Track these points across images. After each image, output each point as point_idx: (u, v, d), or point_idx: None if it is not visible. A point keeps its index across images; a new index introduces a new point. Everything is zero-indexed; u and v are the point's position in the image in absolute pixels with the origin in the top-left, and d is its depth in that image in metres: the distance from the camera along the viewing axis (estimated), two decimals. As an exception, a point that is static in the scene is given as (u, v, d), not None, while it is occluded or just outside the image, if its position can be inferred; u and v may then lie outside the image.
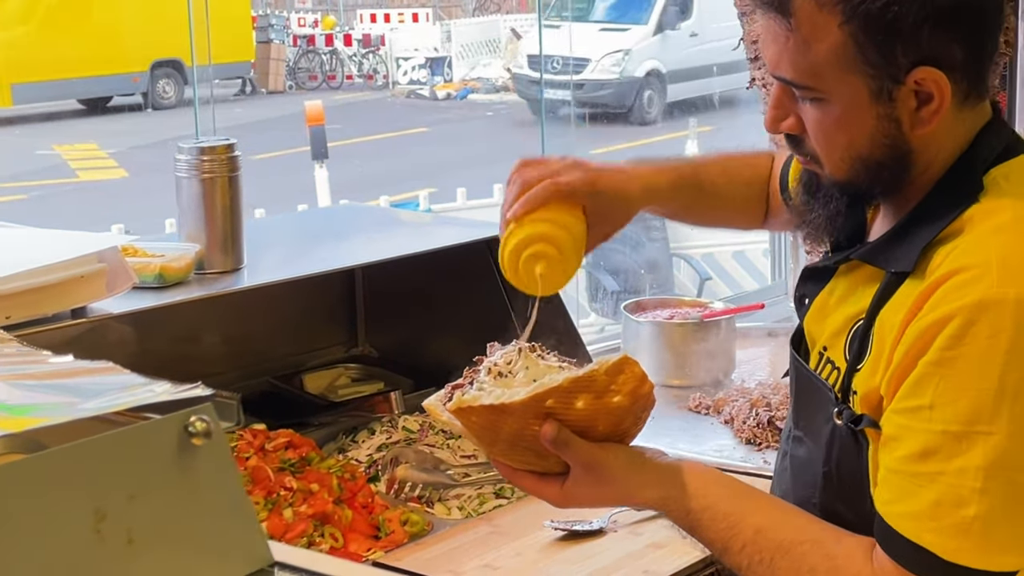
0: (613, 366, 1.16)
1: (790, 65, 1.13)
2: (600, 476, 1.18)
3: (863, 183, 1.16)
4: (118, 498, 0.55)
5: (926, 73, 1.08)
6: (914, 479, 1.06)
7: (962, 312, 1.03)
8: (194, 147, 1.68)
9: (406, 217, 2.74)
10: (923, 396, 1.05)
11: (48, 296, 1.44)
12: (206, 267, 1.70)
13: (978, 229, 1.08)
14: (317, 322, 2.12)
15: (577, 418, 1.17)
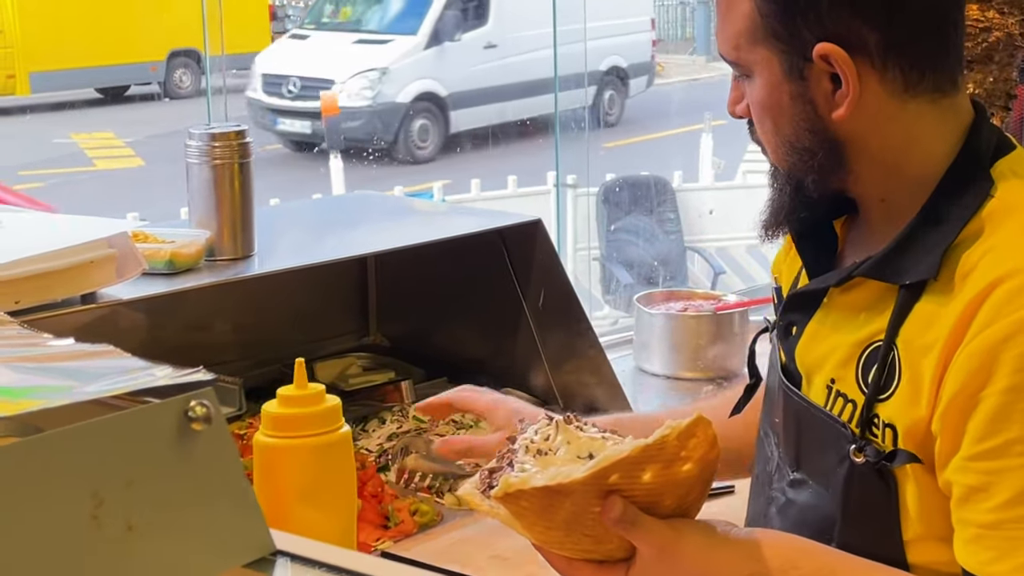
0: (686, 430, 1.01)
1: (721, 40, 1.12)
2: (673, 557, 1.04)
3: (799, 172, 1.10)
4: (116, 484, 0.53)
5: (828, 49, 1.03)
6: (1020, 526, 0.95)
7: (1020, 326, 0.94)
8: (205, 133, 1.67)
9: (420, 206, 2.72)
10: (1011, 429, 0.94)
11: (57, 281, 1.43)
12: (217, 254, 1.69)
13: (1005, 228, 1.01)
14: (329, 310, 2.11)
15: (643, 493, 1.02)
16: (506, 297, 1.95)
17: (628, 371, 2.27)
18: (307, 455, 1.21)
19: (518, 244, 1.92)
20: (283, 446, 1.21)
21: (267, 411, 1.23)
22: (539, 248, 1.89)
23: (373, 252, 1.95)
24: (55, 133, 12.41)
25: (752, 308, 2.19)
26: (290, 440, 1.21)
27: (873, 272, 1.07)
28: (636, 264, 5.42)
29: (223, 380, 0.59)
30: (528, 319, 1.94)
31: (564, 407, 1.90)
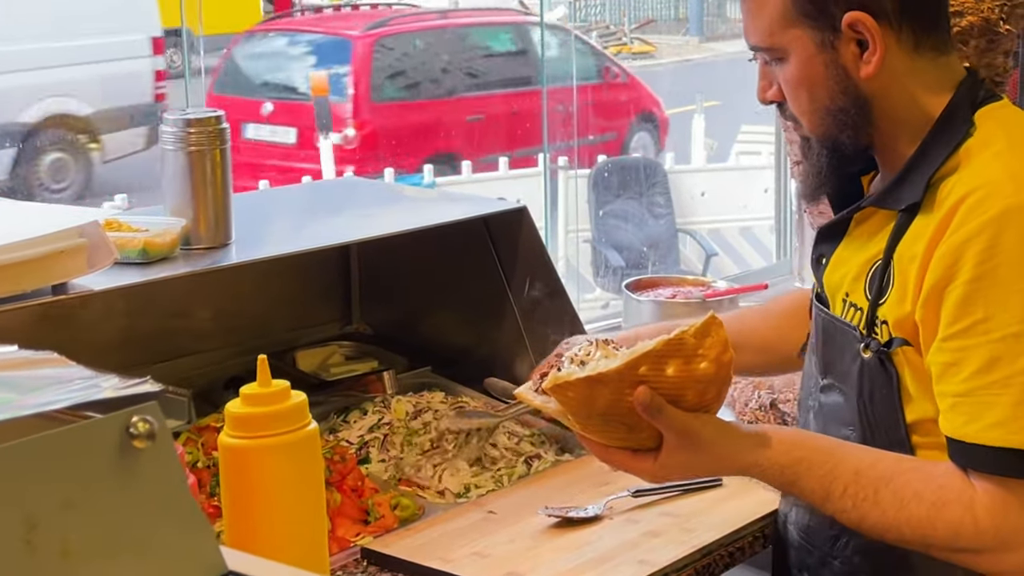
0: (701, 327, 1.19)
1: (753, 31, 1.29)
2: (694, 443, 1.21)
3: (835, 133, 1.27)
4: (50, 506, 0.50)
5: (855, 17, 1.22)
6: (987, 391, 1.12)
7: (988, 225, 1.13)
8: (180, 119, 1.63)
9: (406, 192, 2.68)
10: (975, 312, 1.13)
11: (27, 272, 1.40)
12: (192, 242, 1.65)
13: (977, 158, 1.20)
14: (310, 299, 2.08)
15: (669, 386, 1.19)
16: (491, 285, 1.91)
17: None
18: (273, 455, 1.18)
19: (503, 231, 1.89)
20: (248, 447, 1.18)
21: (231, 411, 1.20)
22: (524, 235, 1.85)
23: (355, 240, 1.91)
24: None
25: (742, 295, 2.16)
26: (255, 440, 1.18)
27: (878, 201, 1.28)
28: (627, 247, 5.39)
29: (171, 391, 0.55)
30: (513, 307, 1.91)
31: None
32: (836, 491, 1.21)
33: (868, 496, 1.19)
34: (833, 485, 1.21)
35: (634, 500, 1.55)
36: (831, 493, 1.21)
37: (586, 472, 1.65)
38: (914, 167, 1.24)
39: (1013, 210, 1.13)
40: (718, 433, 1.23)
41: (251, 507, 1.20)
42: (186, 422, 0.57)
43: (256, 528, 1.20)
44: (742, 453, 1.23)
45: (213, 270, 1.65)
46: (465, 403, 1.83)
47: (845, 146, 1.28)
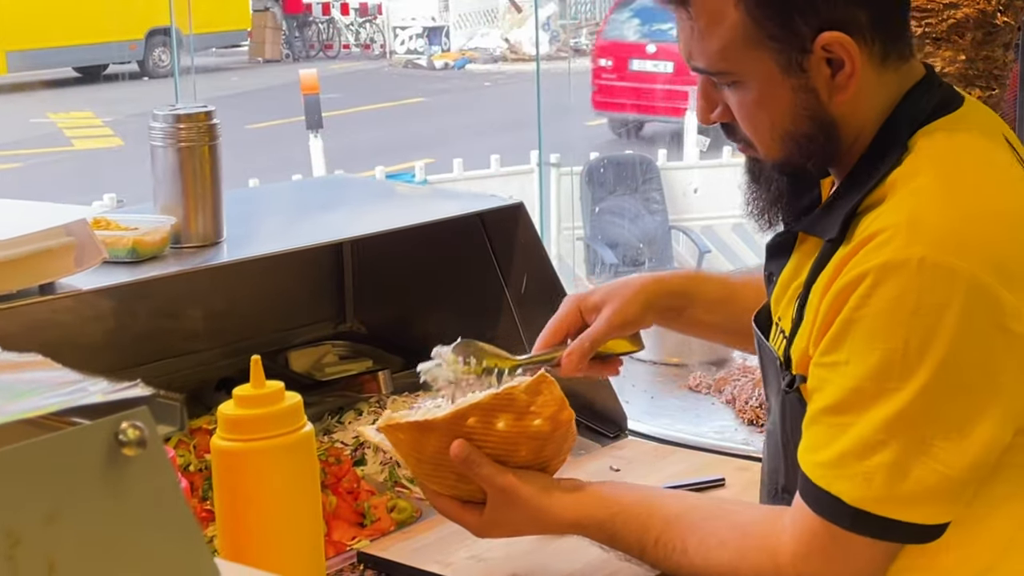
0: (532, 384, 1.19)
1: (701, 54, 1.14)
2: (513, 501, 1.21)
3: (797, 159, 1.16)
4: (34, 519, 0.47)
5: (831, 38, 1.09)
6: (829, 429, 1.08)
7: (871, 273, 1.05)
8: (170, 114, 1.59)
9: (399, 189, 2.66)
10: (839, 352, 1.07)
11: (12, 271, 1.36)
12: (183, 241, 1.62)
13: (899, 193, 1.09)
14: (303, 298, 2.04)
15: (499, 440, 1.19)
16: (487, 282, 1.88)
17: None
18: (268, 458, 1.15)
19: (499, 228, 1.86)
20: (242, 449, 1.15)
21: (224, 413, 1.17)
22: (521, 232, 1.83)
23: (349, 237, 1.88)
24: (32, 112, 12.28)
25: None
26: (249, 443, 1.15)
27: (807, 228, 1.20)
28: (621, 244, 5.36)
29: (163, 395, 0.52)
30: (510, 305, 1.88)
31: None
32: (649, 542, 1.19)
33: (677, 546, 1.18)
34: (646, 537, 1.19)
35: (636, 501, 1.52)
36: (645, 545, 1.20)
37: (587, 472, 1.62)
38: (841, 196, 1.15)
39: (895, 265, 1.03)
40: (538, 491, 1.22)
41: (245, 511, 1.17)
42: (179, 428, 0.54)
43: (250, 533, 1.17)
44: (562, 511, 1.22)
45: (204, 269, 1.61)
46: None
47: (808, 173, 1.19)
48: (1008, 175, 1.13)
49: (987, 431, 1.05)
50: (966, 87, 1.98)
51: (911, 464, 1.04)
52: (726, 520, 1.17)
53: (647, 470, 1.61)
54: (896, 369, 1.03)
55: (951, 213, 1.06)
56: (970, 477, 1.06)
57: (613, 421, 1.76)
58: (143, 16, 13.37)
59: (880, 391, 1.04)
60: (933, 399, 1.04)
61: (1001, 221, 1.07)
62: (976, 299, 1.02)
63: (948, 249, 1.03)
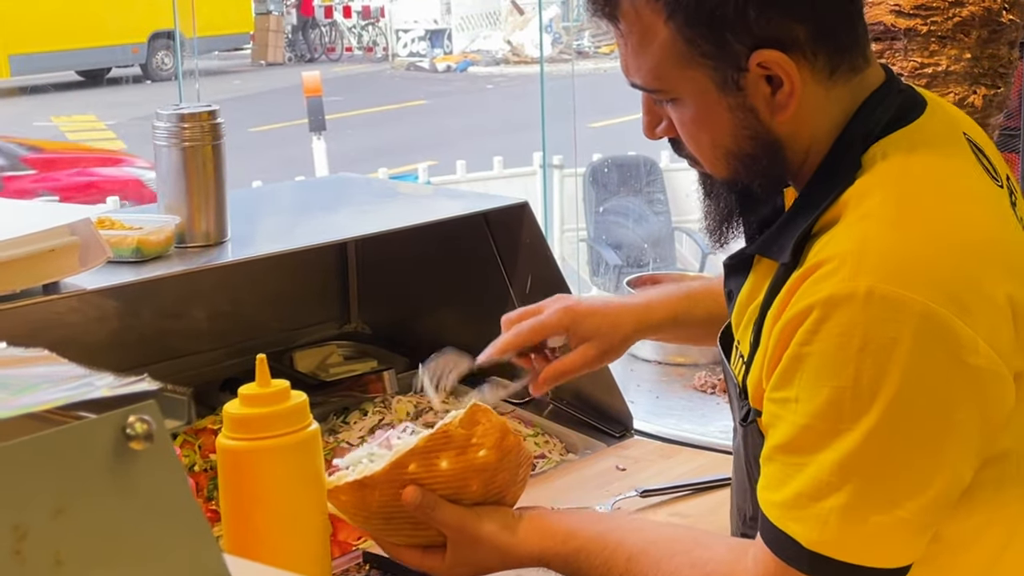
0: (466, 417, 1.17)
1: (636, 70, 1.10)
2: (473, 539, 1.19)
3: (743, 178, 1.11)
4: (42, 513, 0.46)
5: (766, 56, 1.03)
6: (784, 468, 1.03)
7: (817, 307, 0.98)
8: (174, 114, 1.59)
9: (403, 189, 2.65)
10: (789, 388, 1.02)
11: (17, 270, 1.36)
12: (187, 240, 1.61)
13: (850, 216, 1.03)
14: (307, 298, 2.04)
15: (447, 479, 1.17)
16: (492, 282, 1.88)
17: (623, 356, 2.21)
18: (274, 457, 1.14)
19: (504, 227, 1.85)
20: (248, 449, 1.14)
21: (229, 412, 1.16)
22: (526, 231, 1.82)
23: (353, 237, 1.87)
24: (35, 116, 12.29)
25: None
26: (255, 442, 1.14)
27: (761, 249, 1.13)
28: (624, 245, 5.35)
29: (170, 390, 0.52)
30: (515, 304, 1.87)
31: (552, 394, 1.84)
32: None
33: None
34: (610, 574, 1.16)
35: (642, 500, 1.51)
36: None
37: (593, 472, 1.62)
38: (794, 216, 1.09)
39: (840, 299, 0.97)
40: (499, 528, 1.19)
41: (251, 511, 1.17)
42: (186, 422, 0.53)
43: (256, 532, 1.17)
44: (525, 547, 1.20)
45: (208, 269, 1.61)
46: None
47: (755, 192, 1.13)
48: (967, 192, 1.07)
49: (945, 471, 1.00)
50: (971, 86, 1.98)
51: (865, 506, 0.99)
52: (689, 557, 1.12)
53: (654, 470, 1.61)
54: (847, 408, 0.98)
55: (901, 241, 0.99)
56: (929, 519, 1.01)
57: (619, 421, 1.76)
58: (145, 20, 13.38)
59: (831, 431, 0.99)
60: (886, 438, 0.98)
61: (955, 248, 1.00)
62: (929, 332, 0.96)
63: (897, 279, 0.96)
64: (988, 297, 0.99)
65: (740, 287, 1.17)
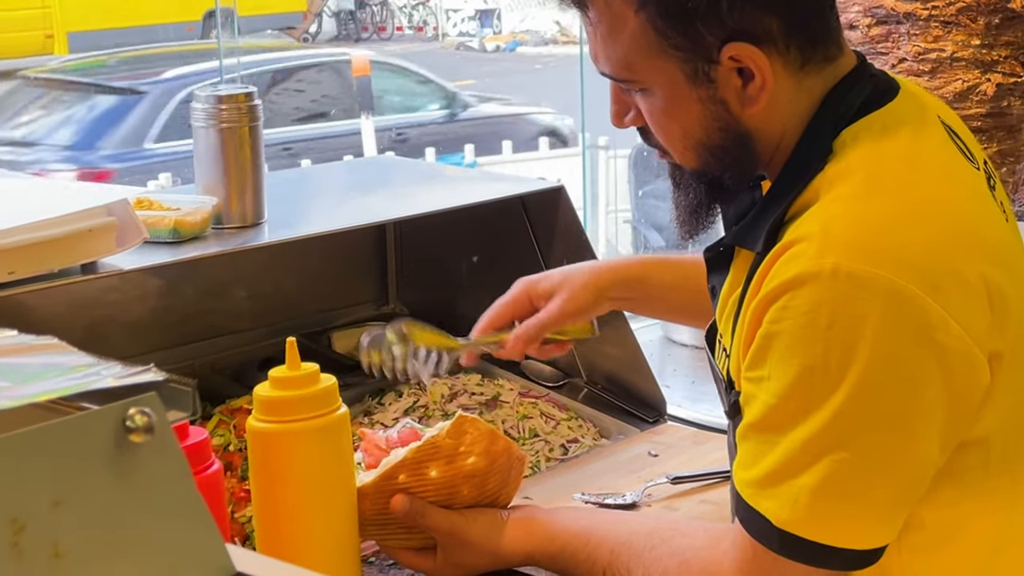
0: (453, 428, 1.20)
1: (605, 59, 1.08)
2: (463, 542, 1.22)
3: (713, 170, 1.10)
4: (40, 505, 0.46)
5: (738, 49, 1.02)
6: (757, 446, 1.03)
7: (784, 286, 0.99)
8: (212, 95, 1.59)
9: (444, 171, 2.64)
10: (762, 367, 1.02)
11: (55, 250, 1.37)
12: (224, 221, 1.62)
13: (821, 200, 1.02)
14: (345, 279, 2.04)
15: (435, 487, 1.20)
16: (528, 265, 1.86)
17: (656, 340, 2.20)
18: (302, 439, 1.15)
19: (540, 211, 1.84)
20: (276, 431, 1.15)
21: (259, 394, 1.17)
22: (562, 215, 1.81)
23: (389, 219, 1.87)
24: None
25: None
26: (283, 424, 1.15)
27: (737, 240, 1.13)
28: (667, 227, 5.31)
29: (175, 381, 0.52)
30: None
31: (586, 378, 1.84)
32: (598, 574, 1.17)
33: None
34: (595, 569, 1.17)
35: (673, 487, 1.50)
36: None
37: (625, 458, 1.61)
38: (768, 204, 1.08)
39: (807, 277, 0.97)
40: (486, 529, 1.22)
41: (281, 493, 1.17)
42: (191, 413, 0.53)
43: (285, 514, 1.17)
44: (513, 548, 1.22)
45: (245, 249, 1.61)
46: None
47: (726, 184, 1.12)
48: (939, 171, 1.06)
49: (916, 449, 0.99)
50: (984, 72, 1.93)
51: (835, 485, 0.98)
52: (669, 546, 1.12)
53: (686, 456, 1.60)
54: (816, 386, 0.97)
55: (868, 219, 0.99)
56: (900, 498, 1.00)
57: (652, 406, 1.75)
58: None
59: (801, 409, 0.98)
60: (856, 416, 0.97)
61: (926, 226, 0.99)
62: (896, 309, 0.95)
63: (863, 257, 0.96)
64: (959, 276, 0.98)
65: (722, 282, 1.17)
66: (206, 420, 1.60)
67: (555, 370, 1.87)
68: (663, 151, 1.14)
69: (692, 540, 1.12)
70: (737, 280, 1.12)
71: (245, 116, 1.61)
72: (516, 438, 1.69)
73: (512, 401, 1.77)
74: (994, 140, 1.99)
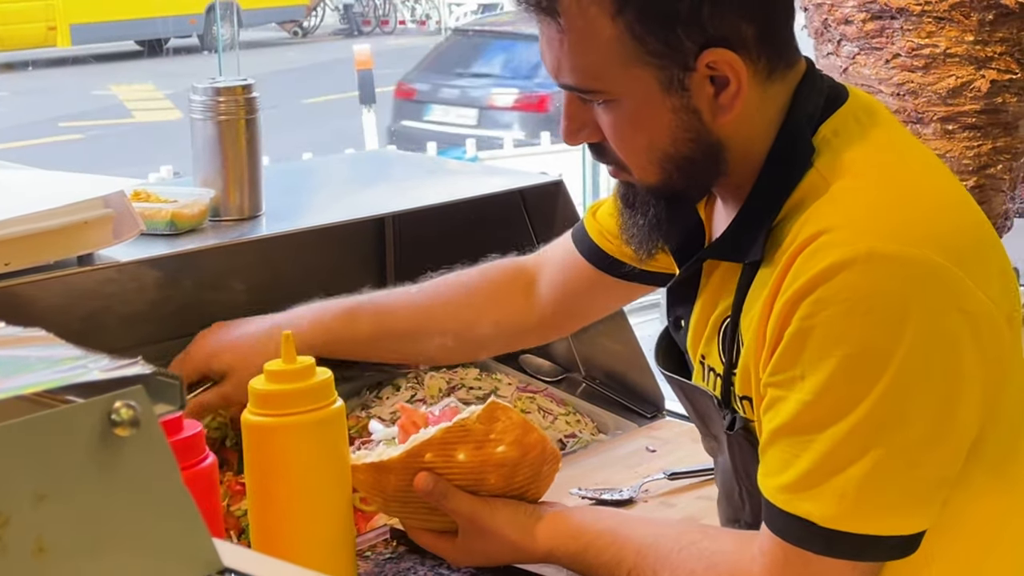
0: (484, 413, 1.17)
1: (570, 70, 1.05)
2: (483, 531, 1.20)
3: (677, 184, 1.08)
4: (23, 499, 0.46)
5: (717, 55, 1.01)
6: (789, 449, 1.01)
7: (816, 279, 0.97)
8: (209, 87, 1.59)
9: (444, 165, 2.64)
10: (794, 367, 1.00)
11: (50, 242, 1.37)
12: (222, 214, 1.62)
13: (824, 196, 1.02)
14: (344, 272, 2.03)
15: (462, 471, 1.18)
16: (527, 260, 1.86)
17: (655, 335, 2.18)
18: (297, 433, 1.14)
19: (539, 205, 1.84)
20: (270, 424, 1.15)
21: (254, 387, 1.16)
22: (560, 209, 1.81)
23: (387, 213, 1.87)
24: (95, 85, 12.43)
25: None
26: (278, 418, 1.14)
27: (717, 253, 1.11)
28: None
29: (162, 374, 0.51)
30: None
31: (584, 373, 1.84)
32: (622, 574, 1.15)
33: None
34: (619, 569, 1.15)
35: (670, 483, 1.50)
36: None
37: (622, 453, 1.61)
38: (753, 211, 1.07)
39: (840, 266, 0.96)
40: (507, 522, 1.20)
41: (275, 486, 1.17)
42: (178, 407, 0.53)
43: (280, 508, 1.17)
44: (534, 542, 1.20)
45: (242, 242, 1.61)
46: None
47: (689, 197, 1.12)
48: (923, 161, 1.09)
49: (957, 422, 0.99)
50: (978, 68, 1.93)
51: (885, 471, 0.98)
52: (696, 548, 1.11)
53: (683, 452, 1.59)
54: (860, 374, 0.97)
55: (885, 203, 1.00)
56: (946, 474, 1.01)
57: (650, 402, 1.74)
58: (204, -9, 13.46)
59: (843, 400, 0.98)
60: (901, 398, 0.97)
61: (940, 203, 1.03)
62: (933, 283, 0.96)
63: (896, 237, 0.97)
64: (976, 247, 1.01)
65: (690, 311, 1.15)
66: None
67: (553, 365, 1.87)
68: (619, 167, 1.11)
69: (720, 544, 1.11)
70: (715, 298, 1.12)
71: (243, 108, 1.61)
72: (513, 433, 1.68)
73: (510, 396, 1.77)
74: (990, 137, 1.99)
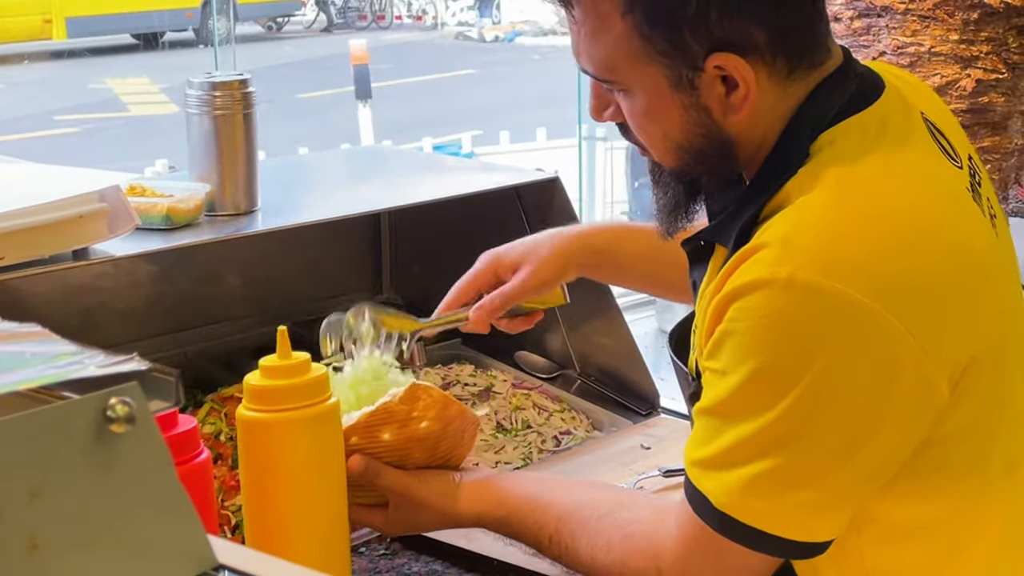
0: (406, 395, 1.22)
1: (587, 59, 1.08)
2: (413, 502, 1.24)
3: (692, 171, 1.11)
4: (16, 496, 0.46)
5: (725, 60, 1.01)
6: (707, 428, 1.05)
7: (741, 289, 0.99)
8: (205, 82, 1.58)
9: (440, 161, 2.64)
10: (718, 360, 1.03)
11: (45, 236, 1.36)
12: (217, 209, 1.61)
13: (791, 205, 1.02)
14: (339, 267, 2.04)
15: (390, 448, 1.23)
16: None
17: (651, 332, 2.20)
18: (291, 429, 1.14)
19: (535, 201, 1.84)
20: (265, 420, 1.14)
21: (249, 383, 1.16)
22: (556, 206, 1.80)
23: (384, 208, 1.87)
24: (91, 78, 12.40)
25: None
26: (273, 414, 1.14)
27: (712, 236, 1.12)
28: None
29: (158, 370, 0.51)
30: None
31: (580, 370, 1.83)
32: (544, 540, 1.19)
33: (569, 545, 1.17)
34: (540, 535, 1.19)
35: (665, 480, 1.50)
36: (541, 542, 1.20)
37: (617, 450, 1.61)
38: (743, 204, 1.07)
39: (763, 283, 0.97)
40: (436, 492, 1.24)
41: (270, 482, 1.17)
42: (174, 403, 0.53)
43: (274, 503, 1.17)
44: (461, 510, 1.24)
45: (238, 237, 1.61)
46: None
47: (705, 185, 1.13)
48: (915, 176, 1.04)
49: (865, 454, 1.00)
50: (964, 68, 1.93)
51: (771, 482, 1.00)
52: (613, 519, 1.14)
53: (678, 449, 1.57)
54: (766, 388, 0.99)
55: (833, 228, 0.98)
56: (839, 501, 1.02)
57: (645, 399, 1.74)
58: (199, -16, 13.43)
59: (749, 406, 1.00)
60: (800, 424, 0.98)
61: (893, 236, 0.98)
62: (852, 322, 0.95)
63: (821, 269, 0.96)
64: (924, 288, 0.98)
65: (703, 276, 1.15)
66: (197, 408, 1.59)
67: (548, 362, 1.87)
68: (643, 148, 1.13)
69: (637, 513, 1.14)
70: (712, 275, 1.12)
71: (239, 103, 1.60)
72: (508, 429, 1.68)
73: (505, 392, 1.77)
74: (976, 136, 1.99)
